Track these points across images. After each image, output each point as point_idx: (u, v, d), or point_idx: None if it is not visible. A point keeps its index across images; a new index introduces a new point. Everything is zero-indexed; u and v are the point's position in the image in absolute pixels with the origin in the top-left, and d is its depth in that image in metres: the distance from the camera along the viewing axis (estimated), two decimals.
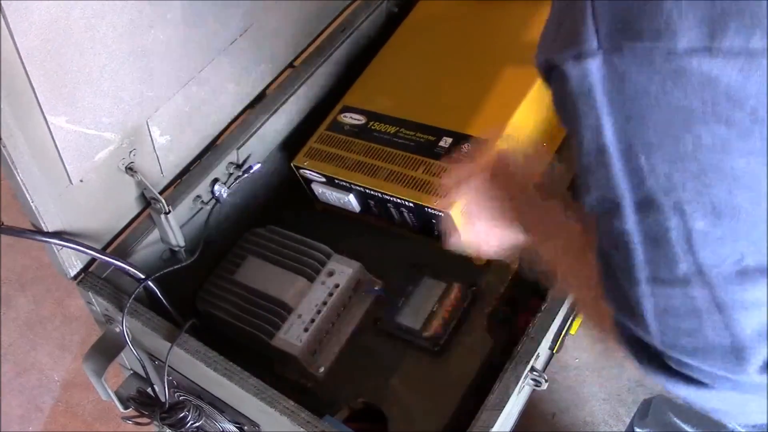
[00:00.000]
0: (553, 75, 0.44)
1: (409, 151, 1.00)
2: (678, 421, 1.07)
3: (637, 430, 1.23)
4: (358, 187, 1.01)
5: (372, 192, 1.00)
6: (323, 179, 1.03)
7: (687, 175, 0.41)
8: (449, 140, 0.99)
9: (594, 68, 0.41)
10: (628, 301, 0.46)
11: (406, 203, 0.97)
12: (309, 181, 1.06)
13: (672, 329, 0.45)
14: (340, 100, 1.17)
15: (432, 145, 0.99)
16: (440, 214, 0.94)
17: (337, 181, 1.02)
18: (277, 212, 1.15)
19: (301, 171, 1.05)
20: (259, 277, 1.01)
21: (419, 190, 0.96)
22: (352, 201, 1.04)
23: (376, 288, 1.00)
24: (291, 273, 1.00)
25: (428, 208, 0.95)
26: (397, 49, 1.16)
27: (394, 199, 0.98)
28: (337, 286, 0.97)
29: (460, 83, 1.07)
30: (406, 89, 1.09)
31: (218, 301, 1.00)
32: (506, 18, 1.13)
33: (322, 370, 0.94)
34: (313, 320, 0.95)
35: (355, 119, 1.06)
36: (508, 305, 0.98)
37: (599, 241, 0.48)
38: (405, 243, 1.05)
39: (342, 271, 0.99)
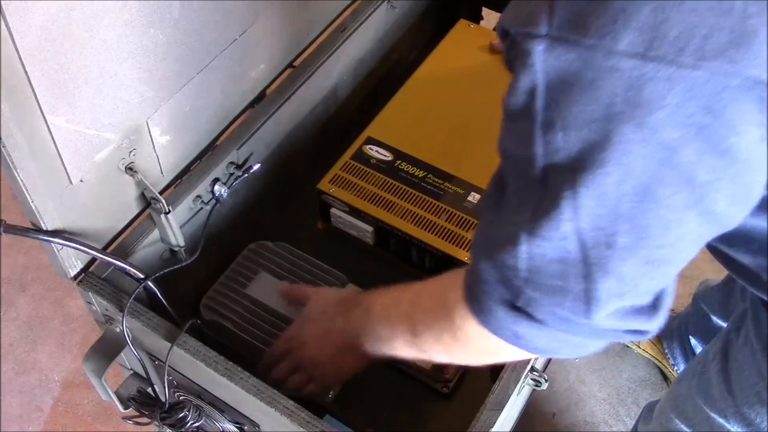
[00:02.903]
0: (507, 38, 0.49)
1: (437, 199, 1.04)
2: (682, 426, 1.07)
3: None
4: (383, 225, 1.02)
5: (399, 233, 1.02)
6: (347, 209, 1.05)
7: (590, 162, 0.46)
8: (477, 197, 1.03)
9: (539, 49, 0.45)
10: (507, 240, 0.53)
11: (435, 252, 1.00)
12: (328, 206, 1.07)
13: (537, 270, 0.52)
14: (338, 103, 1.17)
15: (461, 198, 1.03)
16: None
17: (362, 214, 1.04)
18: (277, 217, 1.15)
19: (324, 197, 1.06)
20: (274, 295, 1.01)
21: (449, 241, 1.00)
22: (371, 234, 1.05)
23: None
24: None
25: (459, 261, 0.98)
26: (424, 81, 1.18)
27: (423, 245, 1.00)
28: None
29: (489, 137, 1.08)
30: (433, 131, 1.12)
31: (228, 312, 1.00)
32: None
33: (331, 394, 0.95)
34: None
35: (382, 154, 1.09)
36: None
37: (499, 175, 0.56)
38: (412, 280, 1.06)
39: None
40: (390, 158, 1.08)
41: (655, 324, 0.56)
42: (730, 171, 0.46)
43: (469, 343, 0.65)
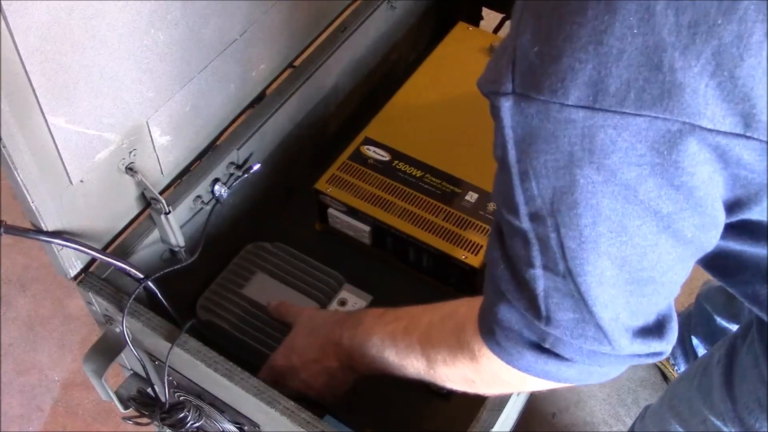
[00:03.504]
0: (485, 96, 0.53)
1: (434, 198, 1.04)
2: (677, 426, 1.07)
3: None
4: (380, 224, 1.02)
5: (397, 232, 1.02)
6: (344, 209, 1.05)
7: (563, 206, 0.51)
8: (475, 196, 1.03)
9: (507, 106, 0.50)
10: (523, 284, 0.57)
11: (432, 250, 1.00)
12: (326, 206, 1.07)
13: (556, 306, 0.56)
14: (338, 103, 1.16)
15: (458, 197, 1.03)
16: (467, 268, 0.98)
17: (359, 214, 1.03)
18: (277, 217, 1.15)
19: (321, 196, 1.06)
20: (270, 295, 1.01)
21: (446, 240, 1.00)
22: (368, 234, 1.05)
23: None
24: (303, 296, 1.00)
25: (456, 260, 0.98)
26: (423, 83, 1.18)
27: (420, 244, 1.00)
28: None
29: (486, 138, 1.08)
30: (431, 133, 1.12)
31: (224, 312, 1.00)
32: None
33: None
34: None
35: (379, 154, 1.09)
36: None
37: (497, 222, 0.60)
38: (410, 279, 1.07)
39: (355, 302, 1.00)
40: (387, 158, 1.08)
41: (667, 345, 0.60)
42: (690, 203, 0.49)
43: (493, 379, 0.68)
